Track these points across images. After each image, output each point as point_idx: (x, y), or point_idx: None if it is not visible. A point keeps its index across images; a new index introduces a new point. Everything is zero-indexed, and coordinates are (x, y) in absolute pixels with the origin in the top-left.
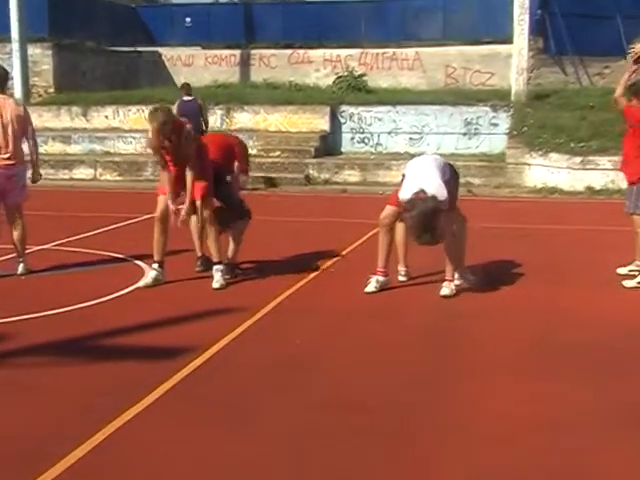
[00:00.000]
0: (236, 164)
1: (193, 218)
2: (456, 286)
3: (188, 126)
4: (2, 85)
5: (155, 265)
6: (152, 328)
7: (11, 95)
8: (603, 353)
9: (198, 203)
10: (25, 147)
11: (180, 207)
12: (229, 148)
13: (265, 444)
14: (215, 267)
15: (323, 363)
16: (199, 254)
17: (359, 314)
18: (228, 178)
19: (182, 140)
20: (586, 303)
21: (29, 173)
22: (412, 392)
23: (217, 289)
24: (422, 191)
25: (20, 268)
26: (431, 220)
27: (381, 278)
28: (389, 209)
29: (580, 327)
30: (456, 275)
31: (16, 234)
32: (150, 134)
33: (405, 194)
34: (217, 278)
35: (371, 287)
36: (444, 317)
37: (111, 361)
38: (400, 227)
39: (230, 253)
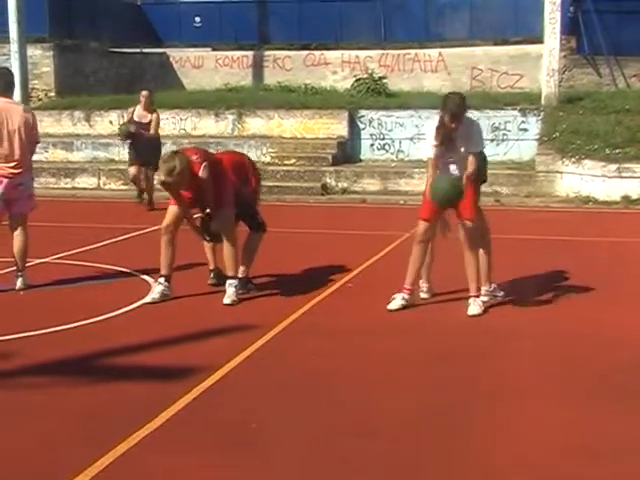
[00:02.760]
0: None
1: None
2: (483, 302)
3: (203, 167)
4: (8, 90)
5: (162, 279)
6: (159, 347)
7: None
8: None
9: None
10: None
11: (197, 215)
12: (240, 163)
13: (276, 473)
14: (229, 282)
15: (339, 385)
16: (211, 267)
17: (379, 333)
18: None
19: (197, 182)
20: (624, 321)
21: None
22: (435, 416)
23: (228, 305)
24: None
25: (19, 283)
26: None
27: (407, 296)
28: (422, 225)
29: (619, 347)
30: (484, 291)
31: (17, 246)
32: (162, 177)
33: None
34: (229, 293)
35: (395, 304)
36: (471, 336)
37: (116, 382)
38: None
39: (243, 267)
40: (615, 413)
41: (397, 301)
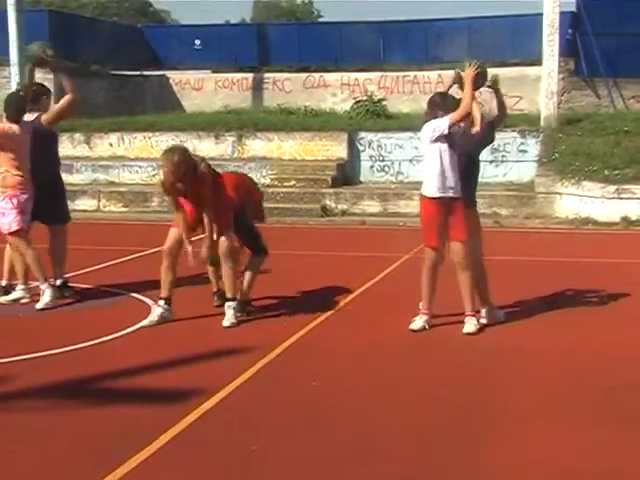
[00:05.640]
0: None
1: None
2: (481, 324)
3: (203, 165)
4: (19, 112)
5: (162, 302)
6: (158, 369)
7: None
8: None
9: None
10: None
11: (197, 250)
12: (242, 183)
13: None
14: (227, 304)
15: (343, 407)
16: (215, 289)
17: (379, 355)
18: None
19: (197, 181)
20: (626, 341)
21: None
22: (438, 437)
23: (227, 327)
24: None
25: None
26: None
27: (427, 318)
28: (430, 253)
29: (621, 368)
30: (483, 312)
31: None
32: (162, 174)
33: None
34: (228, 316)
35: (417, 325)
36: (472, 357)
37: (115, 404)
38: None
39: (243, 290)
40: (619, 435)
41: (418, 322)
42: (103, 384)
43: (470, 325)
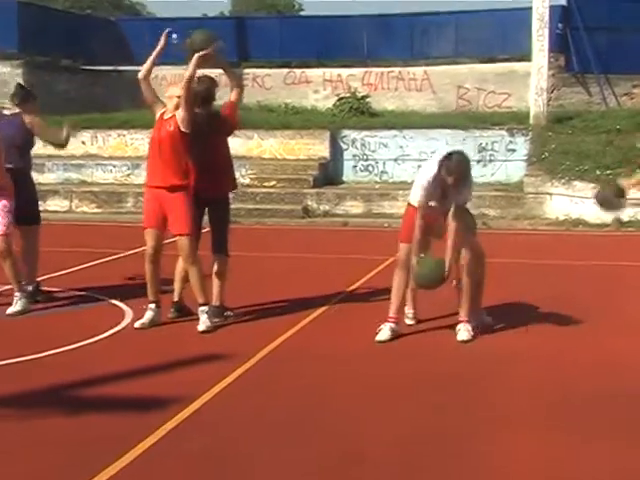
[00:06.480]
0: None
1: (180, 259)
2: (473, 328)
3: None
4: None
5: (152, 305)
6: (135, 376)
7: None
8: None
9: (179, 240)
10: None
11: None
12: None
13: None
14: (200, 309)
15: (326, 415)
16: (175, 299)
17: (364, 360)
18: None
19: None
20: (618, 347)
21: None
22: (424, 444)
23: (203, 332)
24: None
25: None
26: (464, 172)
27: (394, 325)
28: (404, 247)
29: (613, 375)
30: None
31: None
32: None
33: (425, 175)
34: (203, 320)
35: (384, 335)
36: (460, 364)
37: (87, 413)
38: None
39: (215, 294)
40: (610, 445)
41: (385, 331)
42: (78, 392)
43: (464, 332)
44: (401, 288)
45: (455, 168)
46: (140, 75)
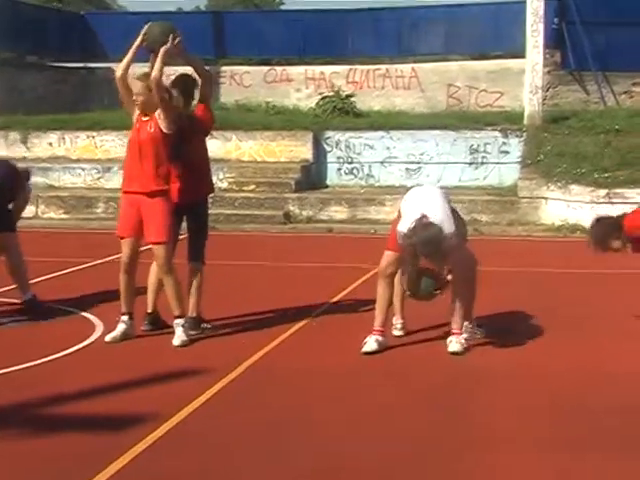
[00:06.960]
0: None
1: (153, 268)
2: (465, 340)
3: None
4: None
5: (125, 317)
6: (108, 392)
7: None
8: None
9: (156, 248)
10: None
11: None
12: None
13: None
14: (176, 321)
15: (307, 433)
16: (149, 310)
17: (349, 375)
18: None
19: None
20: (612, 358)
21: None
22: (408, 463)
23: (179, 346)
24: (425, 216)
25: None
26: (435, 252)
27: (380, 337)
28: (389, 255)
29: (608, 387)
30: (464, 327)
31: None
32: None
33: (404, 225)
34: (178, 333)
35: (370, 347)
36: (450, 377)
37: (62, 431)
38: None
39: (192, 305)
40: (604, 461)
41: (371, 343)
42: (48, 408)
43: (456, 344)
44: (384, 298)
45: (422, 250)
46: (117, 74)
